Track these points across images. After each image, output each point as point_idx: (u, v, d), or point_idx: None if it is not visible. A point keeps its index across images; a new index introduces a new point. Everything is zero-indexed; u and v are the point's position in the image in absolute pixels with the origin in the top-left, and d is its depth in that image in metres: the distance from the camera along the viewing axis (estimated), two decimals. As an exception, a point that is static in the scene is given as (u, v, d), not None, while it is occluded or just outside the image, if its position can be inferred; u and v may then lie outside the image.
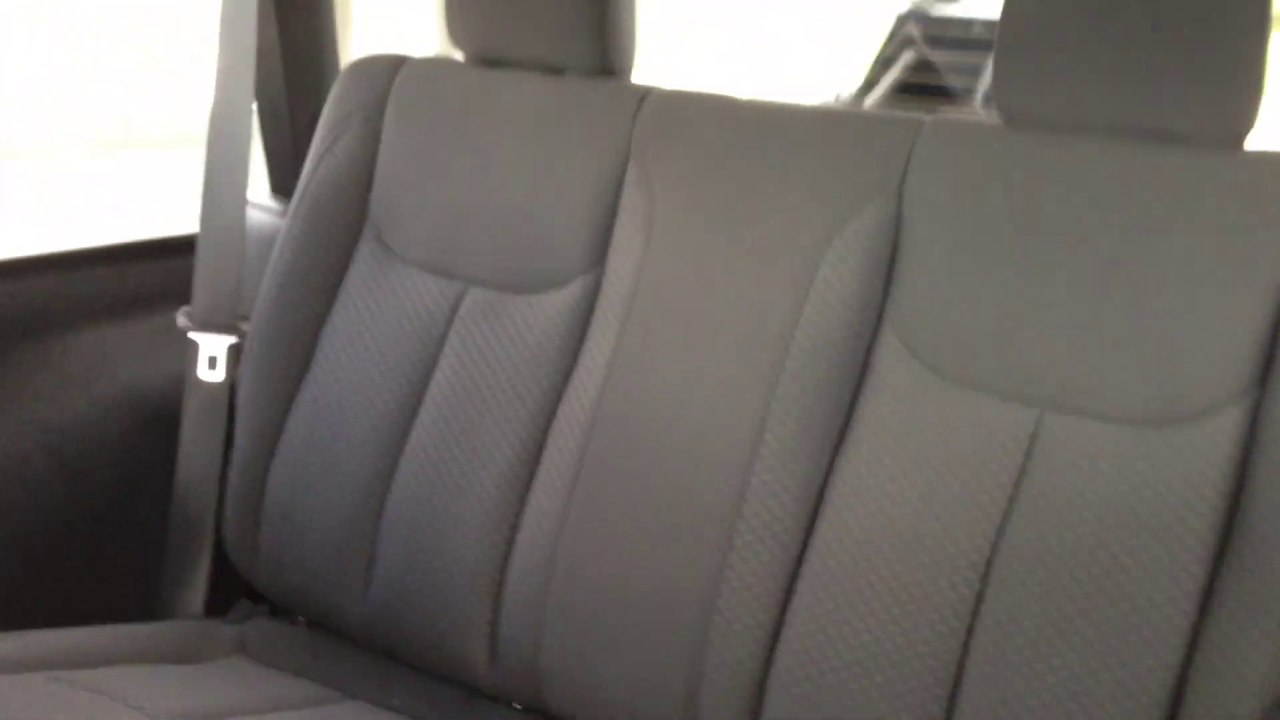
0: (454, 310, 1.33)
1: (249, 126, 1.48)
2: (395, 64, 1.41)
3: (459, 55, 1.43)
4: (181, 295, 1.46)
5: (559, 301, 1.28)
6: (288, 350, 1.39)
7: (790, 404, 1.13)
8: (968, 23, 2.52)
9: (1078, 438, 1.03)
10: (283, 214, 1.48)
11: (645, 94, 1.29)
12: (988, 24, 2.44)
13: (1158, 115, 1.06)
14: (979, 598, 1.04)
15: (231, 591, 1.45)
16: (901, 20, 2.59)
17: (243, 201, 1.47)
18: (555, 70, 1.35)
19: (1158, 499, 0.99)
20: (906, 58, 2.52)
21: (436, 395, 1.31)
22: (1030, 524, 1.03)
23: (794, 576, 1.11)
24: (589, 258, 1.28)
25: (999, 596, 1.03)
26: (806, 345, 1.14)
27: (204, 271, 1.45)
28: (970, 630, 1.04)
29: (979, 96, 2.38)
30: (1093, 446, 1.03)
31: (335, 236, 1.40)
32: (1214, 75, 1.03)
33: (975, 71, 2.38)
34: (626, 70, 1.35)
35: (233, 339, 1.44)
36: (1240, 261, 1.01)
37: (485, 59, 1.39)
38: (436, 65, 1.43)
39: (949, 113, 1.20)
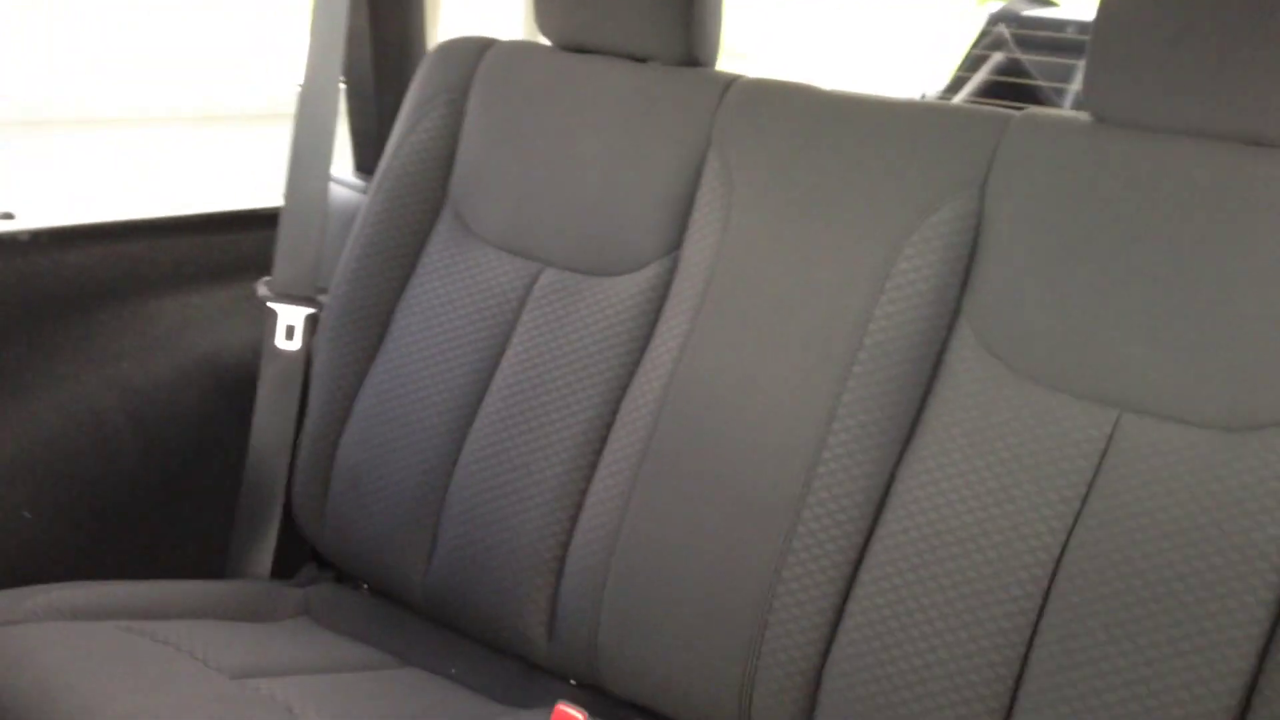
0: (528, 290, 1.34)
1: (336, 105, 1.51)
2: (482, 47, 1.43)
3: (544, 42, 1.45)
4: (262, 266, 1.50)
5: (633, 285, 1.28)
6: (363, 323, 1.41)
7: (861, 395, 1.12)
8: (1061, 24, 2.46)
9: (1155, 441, 1.01)
10: (365, 191, 1.51)
11: (730, 82, 1.29)
12: (1081, 26, 2.39)
13: (1250, 118, 1.04)
14: (1045, 597, 1.02)
15: (298, 556, 1.48)
16: (992, 21, 2.55)
17: (326, 177, 1.50)
18: (641, 59, 1.36)
19: (1235, 505, 0.97)
20: (995, 59, 2.47)
21: (507, 373, 1.33)
22: (1102, 525, 1.01)
23: (856, 568, 1.11)
24: (665, 243, 1.28)
25: (1065, 597, 1.01)
26: (880, 337, 1.13)
27: (286, 243, 1.48)
28: (1035, 629, 1.02)
29: (1068, 100, 2.33)
30: (1171, 450, 1.01)
31: (415, 214, 1.42)
32: None
33: (1066, 75, 2.33)
34: (711, 60, 1.36)
35: (310, 310, 1.46)
36: None
37: (572, 47, 1.41)
38: (523, 49, 1.44)
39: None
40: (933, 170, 1.15)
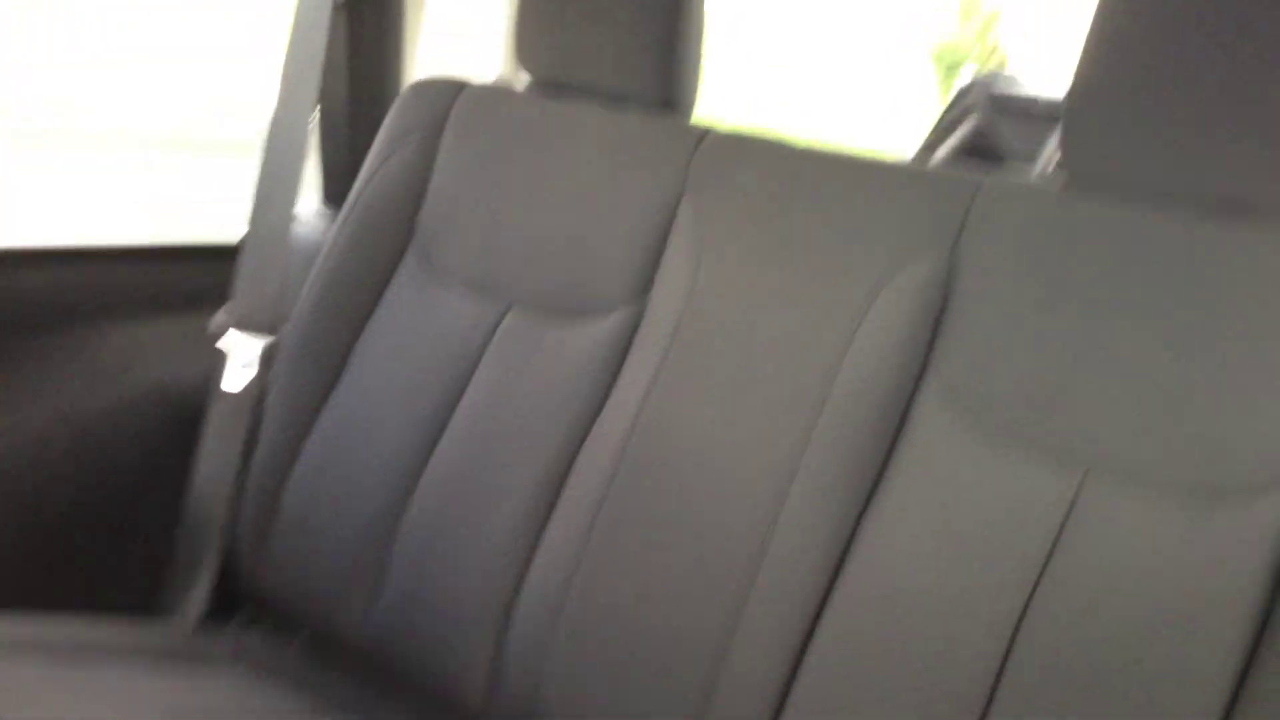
0: (491, 332, 1.32)
1: (307, 135, 1.49)
2: (457, 87, 1.42)
3: (523, 78, 1.44)
4: (218, 300, 1.46)
5: (599, 331, 1.26)
6: (321, 359, 1.38)
7: (824, 453, 1.10)
8: (1030, 99, 2.51)
9: (1119, 509, 1.00)
10: (331, 225, 1.49)
11: (704, 133, 1.29)
12: (1049, 104, 2.44)
13: (1225, 182, 1.03)
14: (1003, 663, 1.00)
15: (235, 598, 1.43)
16: (964, 91, 2.59)
17: (292, 206, 1.48)
18: (619, 99, 1.35)
19: (1199, 577, 0.95)
20: (967, 127, 2.52)
21: (465, 415, 1.30)
22: (1063, 592, 1.00)
23: (812, 628, 1.08)
24: (633, 289, 1.26)
25: (1024, 663, 0.99)
26: (846, 394, 1.11)
27: (247, 272, 1.45)
28: (992, 696, 1.00)
29: (1037, 172, 2.36)
30: (1134, 518, 0.99)
31: (380, 250, 1.39)
32: None
33: (1034, 150, 2.37)
34: (689, 106, 1.35)
35: (266, 343, 1.43)
36: None
37: (550, 82, 1.40)
38: (497, 92, 1.43)
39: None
40: (904, 228, 1.15)
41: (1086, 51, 1.08)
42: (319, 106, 1.56)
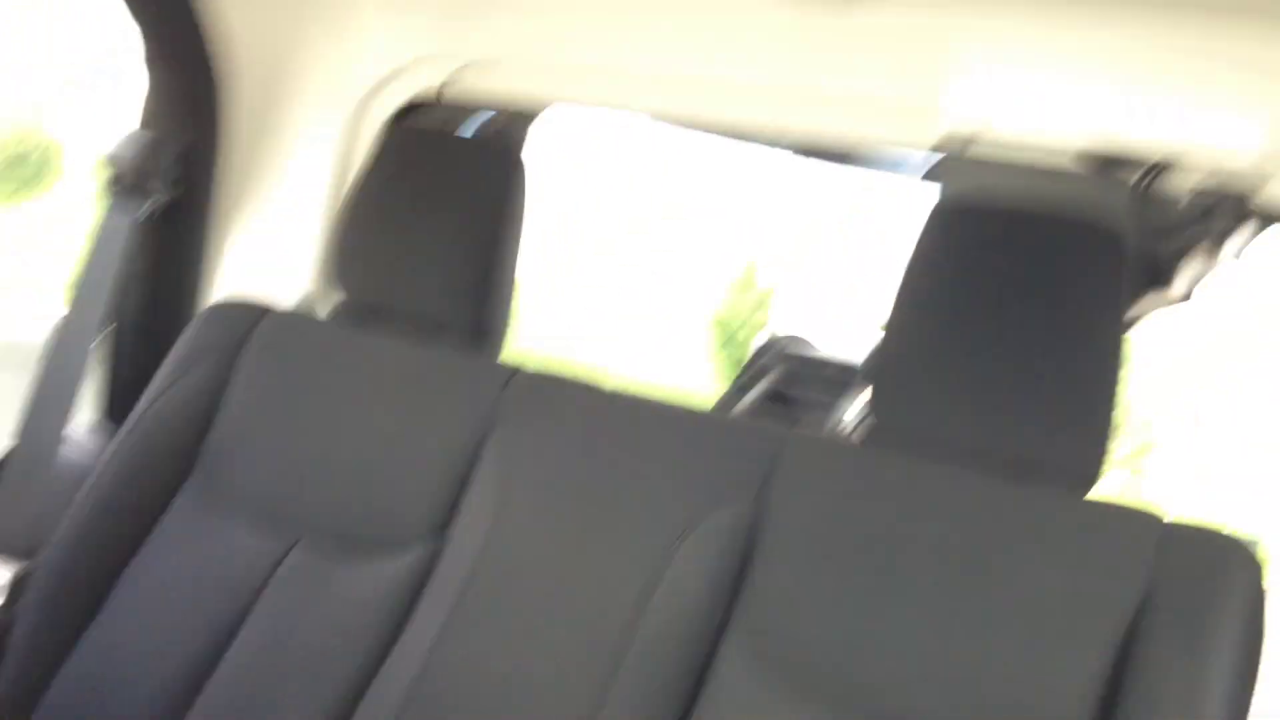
0: (274, 568, 1.24)
1: (90, 349, 1.41)
2: (259, 312, 1.39)
3: (333, 297, 1.42)
4: None
5: (394, 567, 1.21)
6: (79, 590, 1.26)
7: (625, 701, 1.07)
8: (823, 363, 2.65)
9: None
10: (106, 444, 1.39)
11: (514, 372, 1.29)
12: (842, 367, 2.58)
13: (1014, 444, 1.09)
14: None
15: None
16: (762, 350, 2.72)
17: (64, 424, 1.39)
18: (431, 328, 1.34)
19: None
20: (766, 382, 2.62)
21: (236, 658, 1.19)
22: None
23: None
24: (433, 525, 1.22)
25: None
26: (649, 639, 1.09)
27: (6, 491, 1.34)
28: None
29: (831, 427, 2.47)
30: None
31: (158, 474, 1.31)
32: (1069, 416, 1.08)
33: (827, 408, 2.48)
34: (500, 337, 1.36)
35: (18, 569, 1.30)
36: (1081, 606, 1.02)
37: (362, 304, 1.38)
38: (302, 319, 1.40)
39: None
40: (710, 477, 1.16)
41: (893, 319, 1.15)
42: (113, 320, 1.49)
